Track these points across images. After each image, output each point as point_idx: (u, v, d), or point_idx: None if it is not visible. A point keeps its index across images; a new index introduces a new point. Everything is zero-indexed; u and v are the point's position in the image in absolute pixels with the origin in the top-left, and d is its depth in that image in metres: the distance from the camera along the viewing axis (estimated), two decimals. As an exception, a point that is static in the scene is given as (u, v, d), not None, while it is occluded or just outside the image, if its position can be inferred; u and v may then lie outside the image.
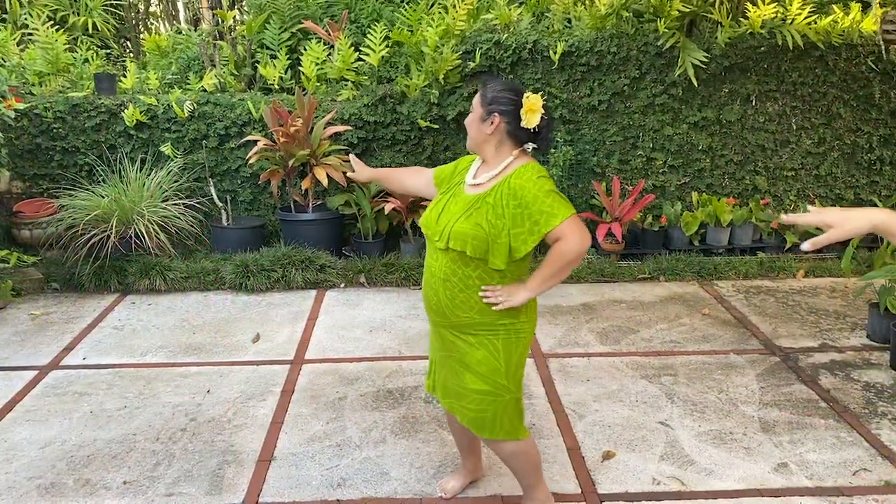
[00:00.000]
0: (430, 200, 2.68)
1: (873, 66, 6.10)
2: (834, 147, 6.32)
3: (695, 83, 5.83)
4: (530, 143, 2.47)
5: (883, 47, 5.87)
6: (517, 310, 2.50)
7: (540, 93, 2.52)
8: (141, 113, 5.89)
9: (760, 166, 6.30)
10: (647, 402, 3.77)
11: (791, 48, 5.86)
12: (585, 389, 3.89)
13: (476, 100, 2.48)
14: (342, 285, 5.44)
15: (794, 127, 6.25)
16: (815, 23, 5.93)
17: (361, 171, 2.98)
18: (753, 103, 6.17)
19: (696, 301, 5.16)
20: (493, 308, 2.45)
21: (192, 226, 5.64)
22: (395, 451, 3.35)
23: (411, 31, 6.35)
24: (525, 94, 2.39)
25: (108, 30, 8.29)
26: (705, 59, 5.78)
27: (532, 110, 2.37)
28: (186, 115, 5.86)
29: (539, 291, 2.47)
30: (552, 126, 2.47)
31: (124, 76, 6.47)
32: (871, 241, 5.98)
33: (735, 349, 4.39)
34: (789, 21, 5.90)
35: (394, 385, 3.95)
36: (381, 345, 4.45)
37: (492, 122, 2.41)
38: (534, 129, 2.41)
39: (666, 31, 5.79)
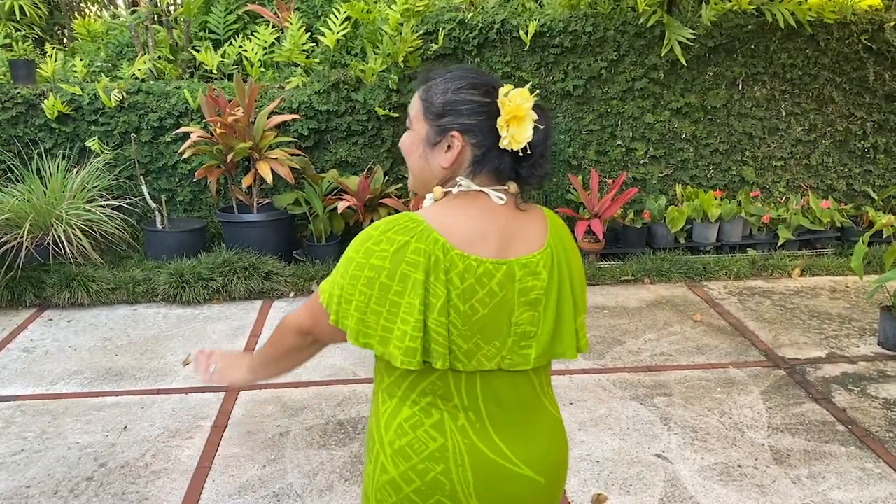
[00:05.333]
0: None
1: (868, 45, 5.65)
2: (826, 134, 5.87)
3: (683, 62, 5.32)
4: (510, 184, 1.41)
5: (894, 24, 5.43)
6: None
7: (513, 82, 1.40)
8: (63, 104, 5.23)
9: (748, 156, 5.83)
10: (640, 430, 3.25)
11: (783, 27, 5.38)
12: (569, 415, 3.36)
13: (415, 105, 1.42)
14: (291, 294, 4.85)
15: (784, 113, 5.78)
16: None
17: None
18: (740, 87, 5.69)
19: (686, 305, 4.65)
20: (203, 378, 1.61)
21: (122, 230, 5.01)
22: (343, 501, 2.78)
23: (368, 13, 5.77)
24: (502, 90, 1.35)
25: (38, 15, 7.57)
26: (692, 36, 5.27)
27: (517, 117, 1.33)
28: (114, 104, 5.21)
29: (253, 372, 1.61)
30: (550, 141, 1.40)
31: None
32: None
33: (734, 362, 3.89)
34: (778, -3, 5.42)
35: (345, 415, 3.38)
36: (332, 365, 3.87)
37: (449, 146, 1.37)
38: (521, 150, 1.35)
39: (646, 8, 5.28)
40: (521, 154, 1.35)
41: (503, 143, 1.33)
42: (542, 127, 1.35)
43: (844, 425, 3.28)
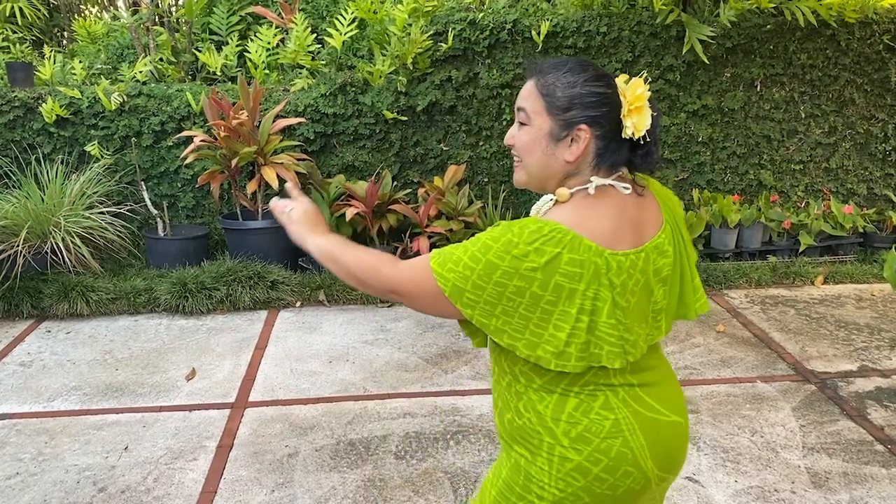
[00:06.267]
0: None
1: (890, 44, 5.48)
2: (846, 137, 5.70)
3: (705, 60, 5.15)
4: (623, 169, 1.43)
5: None
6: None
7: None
8: (62, 107, 5.07)
9: (766, 159, 5.66)
10: (667, 450, 3.07)
11: (803, 26, 5.21)
12: (591, 434, 3.19)
13: (531, 100, 1.39)
14: (298, 304, 4.68)
15: (803, 115, 5.62)
16: (827, -3, 5.29)
17: None
18: (758, 89, 5.52)
19: (707, 315, 4.49)
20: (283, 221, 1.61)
21: (123, 237, 4.85)
22: (357, 529, 2.62)
23: (374, 13, 5.60)
24: (620, 80, 1.39)
25: (38, 17, 7.42)
26: (711, 35, 5.10)
27: (638, 108, 1.37)
28: (115, 108, 5.05)
29: (318, 249, 1.51)
30: (659, 127, 1.44)
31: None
32: (894, 241, 5.38)
33: (762, 376, 3.72)
34: (798, -5, 5.25)
35: (357, 435, 3.22)
36: (342, 380, 3.71)
37: (572, 140, 1.37)
38: (640, 138, 1.39)
39: (663, 7, 5.11)
40: (635, 143, 1.40)
41: (626, 133, 1.37)
42: (654, 114, 1.39)
43: (883, 445, 3.11)
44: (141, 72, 5.39)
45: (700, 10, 5.37)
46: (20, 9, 7.11)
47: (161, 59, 5.80)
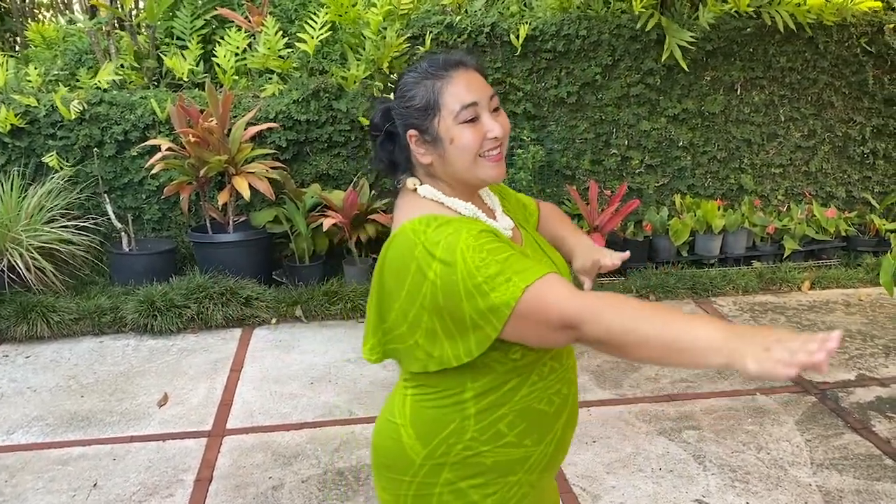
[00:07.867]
0: None
1: (867, 48, 5.46)
2: (825, 140, 5.66)
3: (685, 67, 5.07)
4: None
5: None
6: None
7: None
8: (17, 116, 4.78)
9: (746, 163, 5.60)
10: (673, 471, 2.95)
11: (782, 30, 5.15)
12: (594, 455, 3.04)
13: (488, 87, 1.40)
14: (273, 321, 4.46)
15: (783, 118, 5.57)
16: (806, 1, 5.24)
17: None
18: (738, 92, 5.46)
19: (698, 324, 4.38)
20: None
21: (86, 252, 4.59)
22: (353, 570, 2.43)
23: (346, 14, 5.41)
24: None
25: (-12, 22, 7.08)
26: (692, 40, 5.02)
27: None
28: (74, 116, 4.78)
29: None
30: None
31: (-2, 72, 5.33)
32: (876, 244, 5.36)
33: (760, 388, 3.61)
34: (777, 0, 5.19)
35: (345, 462, 3.02)
36: (325, 403, 3.51)
37: None
38: None
39: (643, 10, 5.01)
40: None
41: None
42: None
43: (893, 459, 3.01)
44: (104, 80, 5.11)
45: (678, 13, 5.29)
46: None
47: (122, 65, 5.54)
